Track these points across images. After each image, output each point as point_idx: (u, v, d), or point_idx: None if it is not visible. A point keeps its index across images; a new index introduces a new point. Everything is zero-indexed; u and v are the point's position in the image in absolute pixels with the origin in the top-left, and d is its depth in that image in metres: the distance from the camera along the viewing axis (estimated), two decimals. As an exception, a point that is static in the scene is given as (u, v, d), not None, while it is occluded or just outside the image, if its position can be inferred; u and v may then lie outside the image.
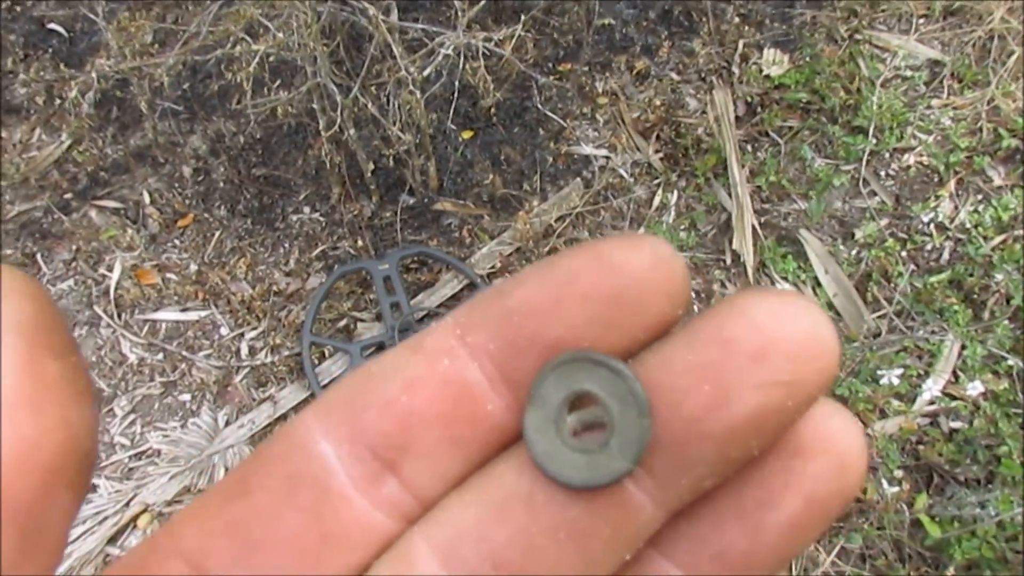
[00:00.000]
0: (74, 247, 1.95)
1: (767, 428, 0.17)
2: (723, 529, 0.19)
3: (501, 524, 0.18)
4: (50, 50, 2.31)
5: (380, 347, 1.66)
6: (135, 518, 1.56)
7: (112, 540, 1.54)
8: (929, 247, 1.73)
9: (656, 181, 1.88)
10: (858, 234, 1.75)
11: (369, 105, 1.46)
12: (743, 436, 0.17)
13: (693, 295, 1.72)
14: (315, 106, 1.60)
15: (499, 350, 0.18)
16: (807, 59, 1.97)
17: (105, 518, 1.55)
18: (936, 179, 1.82)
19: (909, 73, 1.96)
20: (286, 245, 1.88)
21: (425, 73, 1.44)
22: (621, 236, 0.18)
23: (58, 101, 2.21)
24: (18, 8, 2.43)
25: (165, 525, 0.20)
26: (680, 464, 0.18)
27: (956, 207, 1.77)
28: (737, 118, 1.92)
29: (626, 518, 0.18)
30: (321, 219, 1.90)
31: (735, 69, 2.02)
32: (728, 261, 1.75)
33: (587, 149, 1.93)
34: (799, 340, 0.17)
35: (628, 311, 0.18)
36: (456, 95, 1.82)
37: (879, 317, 1.63)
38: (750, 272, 1.71)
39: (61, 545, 0.17)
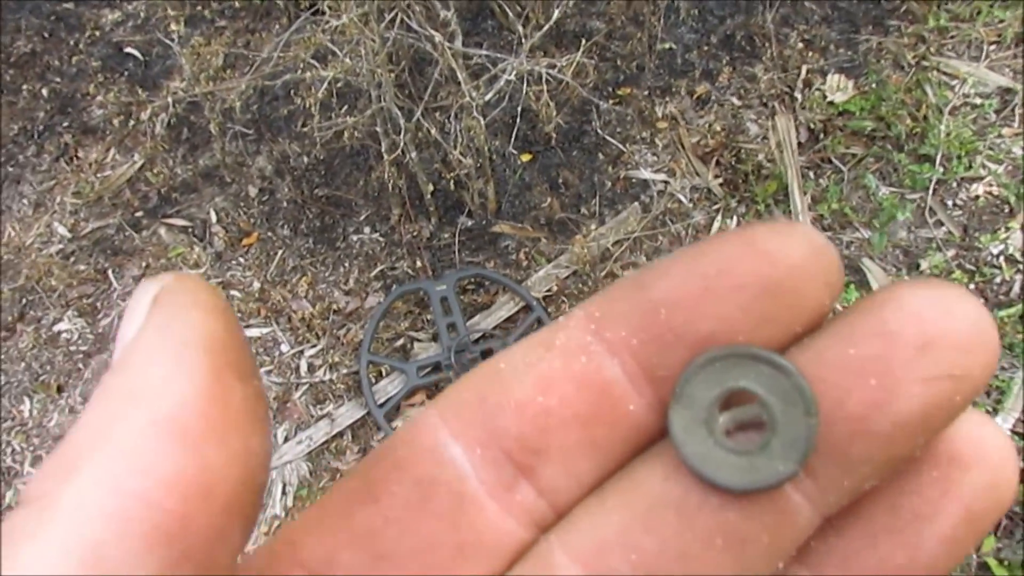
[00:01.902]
0: (144, 264, 2.02)
1: (934, 424, 0.17)
2: (877, 544, 0.18)
3: (650, 532, 0.17)
4: (126, 73, 2.40)
5: (436, 367, 1.67)
6: (195, 529, 1.59)
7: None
8: (998, 280, 1.67)
9: (715, 207, 1.86)
10: (923, 265, 1.70)
11: (431, 129, 1.49)
12: (910, 433, 0.17)
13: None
14: (378, 129, 1.64)
15: (643, 345, 0.17)
16: (872, 86, 1.94)
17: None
18: (1006, 210, 1.77)
19: (979, 101, 1.92)
20: (346, 264, 1.92)
21: (487, 98, 1.46)
22: (771, 223, 0.17)
23: (132, 123, 2.30)
24: (97, 33, 2.54)
25: (282, 532, 0.19)
26: (842, 465, 0.17)
27: (1028, 239, 1.72)
28: (799, 144, 1.90)
29: (784, 523, 0.17)
30: (381, 239, 1.94)
31: (798, 95, 2.00)
32: (788, 290, 1.73)
33: (646, 173, 1.93)
34: (964, 331, 0.16)
35: (784, 303, 0.17)
36: (517, 119, 1.84)
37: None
38: (811, 301, 1.68)
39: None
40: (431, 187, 1.83)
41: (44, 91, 2.44)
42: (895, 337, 0.16)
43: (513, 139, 1.85)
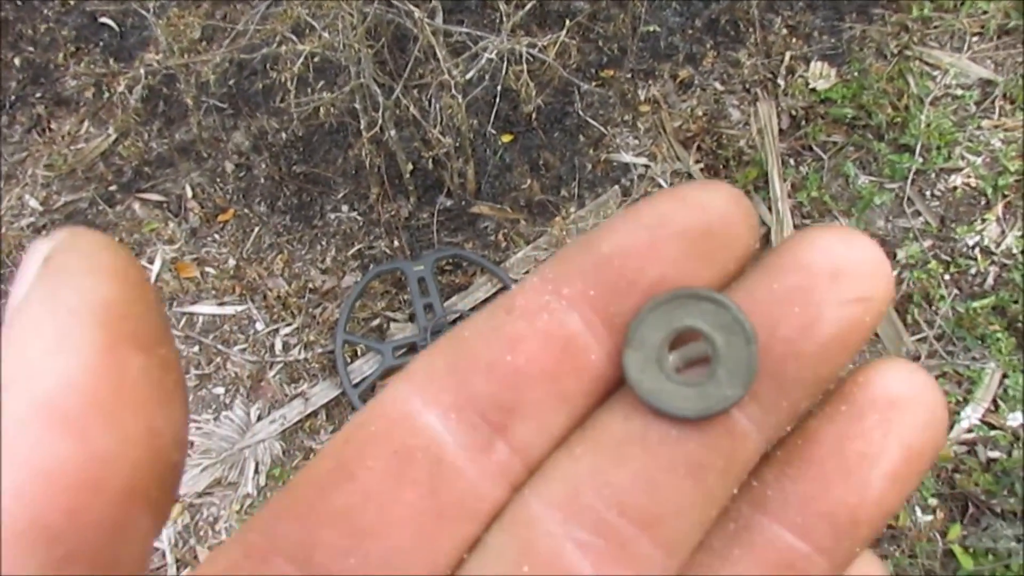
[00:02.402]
0: (117, 238, 1.98)
1: (851, 343, 0.19)
2: (830, 486, 0.19)
3: (619, 467, 0.18)
4: (101, 44, 2.35)
5: (412, 348, 1.66)
6: (165, 507, 1.58)
7: (142, 528, 1.56)
8: (973, 271, 1.69)
9: (695, 192, 1.86)
10: (900, 254, 1.71)
11: (411, 107, 1.47)
12: (834, 352, 0.19)
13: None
14: (357, 106, 1.61)
15: (600, 295, 0.19)
16: (855, 74, 1.94)
17: (136, 506, 1.57)
18: (983, 202, 1.78)
19: (960, 92, 1.92)
20: (323, 243, 1.90)
21: (467, 77, 1.44)
22: (694, 182, 0.19)
23: (107, 95, 2.25)
24: (72, 2, 2.49)
25: (250, 524, 0.18)
26: (779, 386, 0.19)
27: (1003, 231, 1.73)
28: (780, 131, 1.90)
29: (736, 447, 0.19)
30: (359, 218, 1.92)
31: (780, 81, 2.00)
32: (765, 276, 1.73)
33: (627, 157, 1.92)
34: (866, 262, 0.19)
35: (719, 243, 0.19)
36: (497, 99, 1.82)
37: (919, 341, 1.60)
38: (787, 288, 1.68)
39: (138, 570, 0.15)
40: (410, 166, 1.81)
41: (16, 60, 2.39)
42: (810, 269, 0.19)
43: (493, 119, 1.83)
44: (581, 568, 0.18)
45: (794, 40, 2.08)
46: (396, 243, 1.85)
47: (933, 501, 1.35)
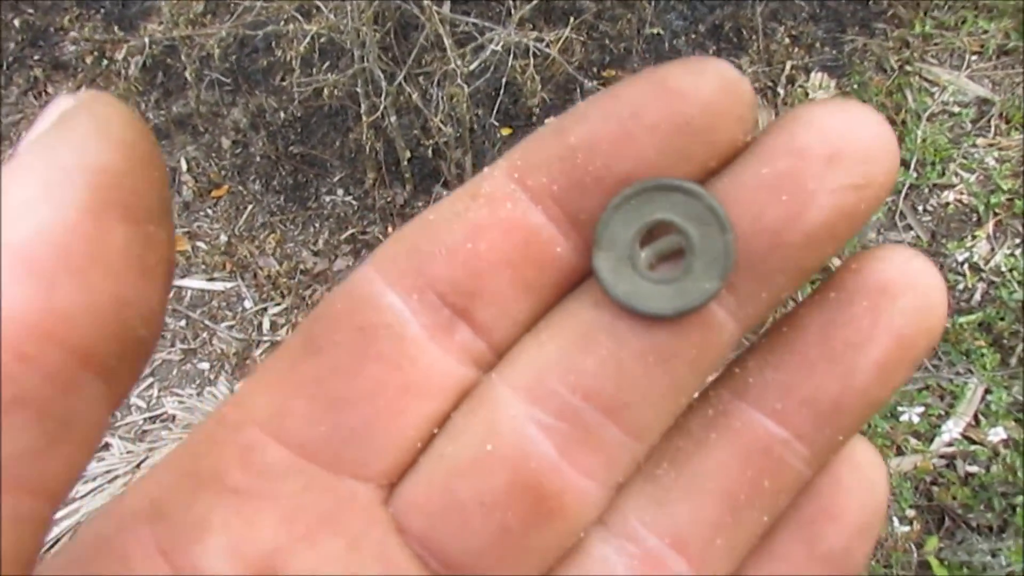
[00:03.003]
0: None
1: (841, 233, 0.18)
2: (813, 374, 0.18)
3: (587, 353, 0.18)
4: (103, 10, 2.33)
5: (401, 335, 1.67)
6: (145, 480, 1.57)
7: (121, 500, 1.56)
8: (961, 287, 1.70)
9: (691, 195, 1.87)
10: (890, 267, 1.73)
11: (413, 94, 1.47)
12: (821, 242, 0.18)
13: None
14: (359, 90, 1.61)
15: (563, 191, 0.18)
16: (854, 86, 1.95)
17: (116, 477, 1.56)
18: (975, 219, 1.80)
19: (957, 109, 1.94)
20: (316, 225, 1.89)
21: (472, 68, 1.44)
22: (685, 60, 0.18)
23: (106, 62, 2.24)
24: (75, -33, 2.46)
25: (229, 399, 0.19)
26: (760, 277, 0.18)
27: (993, 249, 1.75)
28: (778, 139, 1.91)
29: (710, 337, 0.18)
30: (353, 202, 1.91)
31: (780, 90, 2.01)
32: (756, 282, 1.74)
33: (624, 157, 1.93)
34: (868, 143, 0.17)
35: (698, 139, 0.17)
36: (501, 92, 1.82)
37: (904, 353, 1.61)
38: (777, 295, 1.70)
39: (90, 441, 0.15)
40: (408, 154, 1.81)
41: (16, 22, 2.36)
42: (804, 152, 0.17)
43: (495, 111, 1.83)
44: (544, 449, 0.18)
45: (796, 50, 2.09)
46: (390, 229, 1.84)
47: (911, 512, 1.36)
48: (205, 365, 1.73)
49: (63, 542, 1.51)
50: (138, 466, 1.58)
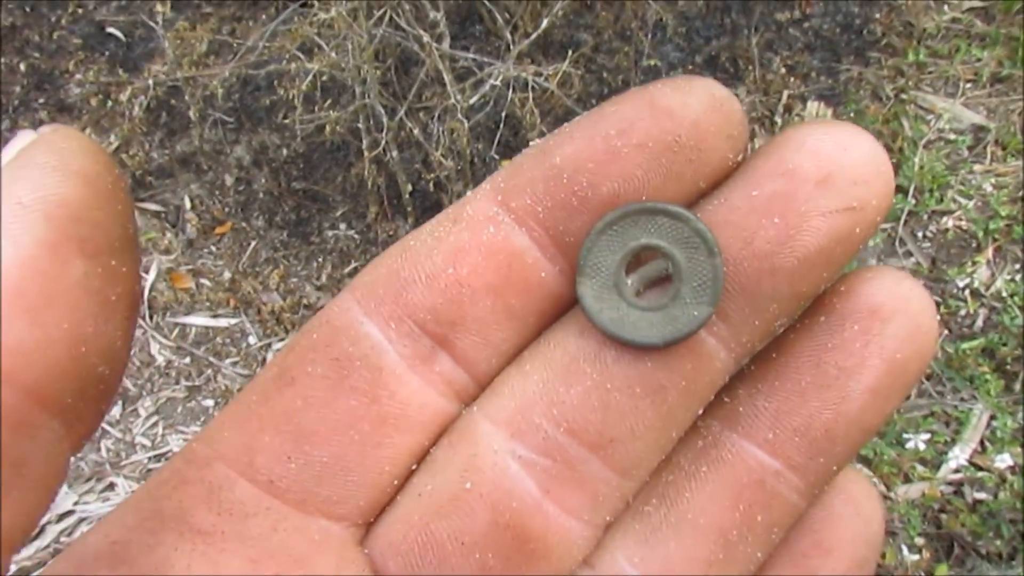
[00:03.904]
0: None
1: (836, 258, 0.17)
2: (805, 401, 0.18)
3: (570, 386, 0.17)
4: (107, 53, 2.37)
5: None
6: (149, 519, 1.56)
7: (125, 539, 1.55)
8: (963, 313, 1.71)
9: (691, 225, 1.88)
10: (892, 293, 1.73)
11: (414, 129, 1.48)
12: (815, 267, 0.17)
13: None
14: (360, 126, 1.63)
15: (548, 213, 0.17)
16: (851, 115, 1.97)
17: (120, 516, 1.56)
18: (974, 245, 1.80)
19: (953, 136, 1.96)
20: (320, 259, 1.90)
21: (472, 102, 1.46)
22: (672, 79, 0.17)
23: (110, 103, 2.27)
24: (80, 11, 2.50)
25: (200, 434, 0.18)
26: (753, 304, 0.17)
27: (993, 275, 1.75)
28: (776, 168, 1.92)
29: (701, 367, 0.18)
30: (356, 236, 1.93)
31: (778, 119, 2.03)
32: (758, 310, 1.74)
33: (624, 188, 1.94)
34: (861, 165, 0.17)
35: (687, 158, 0.17)
36: (501, 126, 1.84)
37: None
38: (780, 323, 1.70)
39: (48, 485, 0.14)
40: (410, 188, 1.83)
41: (22, 66, 2.40)
42: (796, 175, 0.17)
43: (495, 144, 1.85)
44: (527, 487, 0.17)
45: (792, 79, 2.11)
46: (393, 263, 1.85)
47: (919, 540, 1.35)
48: (210, 402, 1.72)
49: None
50: (142, 504, 1.57)
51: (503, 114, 1.75)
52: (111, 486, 1.62)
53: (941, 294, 1.74)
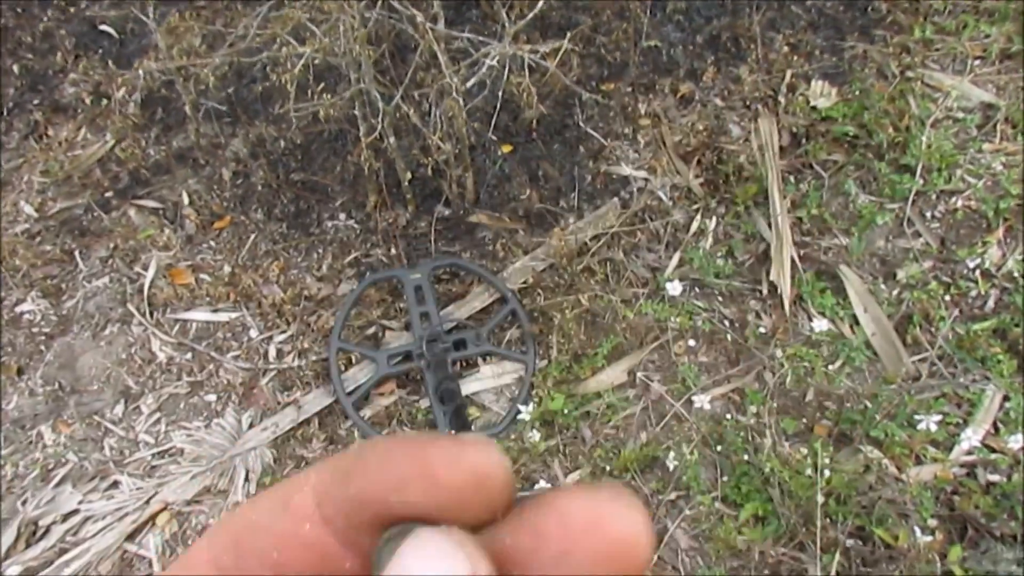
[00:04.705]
0: (112, 245, 1.97)
1: None
2: None
3: None
4: (100, 51, 2.35)
5: (407, 356, 1.64)
6: (154, 516, 1.55)
7: (131, 537, 1.53)
8: (974, 293, 1.67)
9: (695, 206, 1.85)
10: (900, 274, 1.70)
11: (411, 113, 1.46)
12: None
13: (727, 324, 1.69)
14: (357, 112, 1.60)
15: (346, 527, 0.20)
16: (856, 93, 1.93)
17: (125, 515, 1.54)
18: (984, 224, 1.77)
19: (961, 115, 1.92)
20: (320, 250, 1.88)
21: (469, 84, 1.44)
22: (455, 440, 0.19)
23: (104, 101, 2.24)
24: (72, 9, 2.48)
25: None
26: None
27: (1004, 255, 1.72)
28: (781, 148, 1.89)
29: None
30: (356, 226, 1.90)
31: (781, 99, 2.00)
32: (764, 292, 1.72)
33: (626, 170, 1.91)
34: (607, 544, 0.18)
35: (479, 500, 0.19)
36: (498, 108, 1.81)
37: (919, 361, 1.58)
38: (786, 305, 1.67)
39: None
40: (409, 175, 1.80)
41: (15, 67, 2.38)
42: (542, 539, 0.18)
43: (493, 127, 1.83)
44: None
45: (795, 58, 2.08)
46: (393, 251, 1.83)
47: (932, 522, 1.33)
48: (212, 397, 1.71)
49: (70, 581, 1.49)
50: (147, 502, 1.55)
51: (500, 94, 1.72)
52: (115, 484, 1.61)
53: (951, 274, 1.71)
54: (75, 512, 1.58)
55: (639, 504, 0.19)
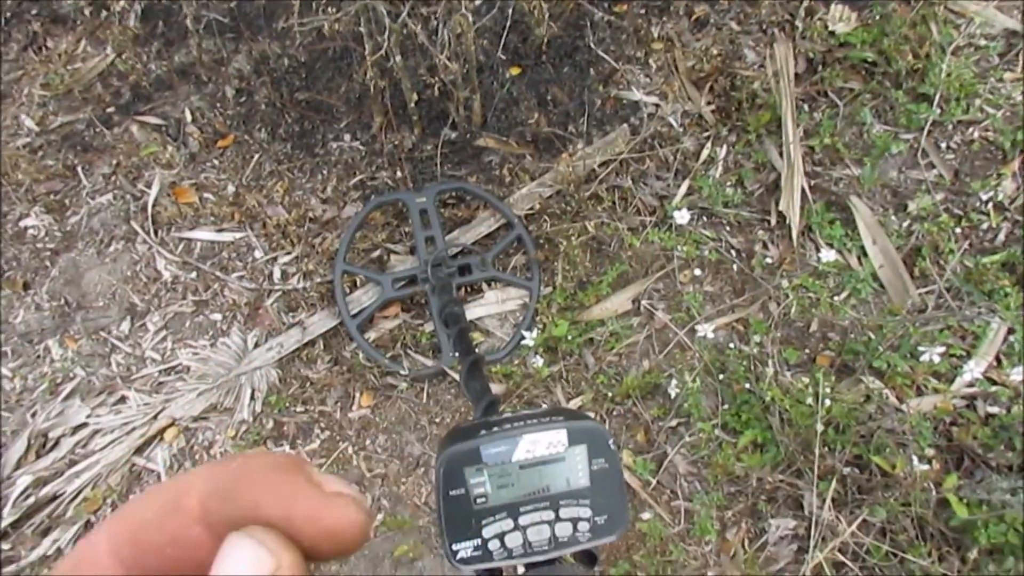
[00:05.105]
0: (114, 161, 1.95)
1: None
2: None
3: None
4: (100, -43, 2.27)
5: (412, 280, 1.64)
6: (162, 431, 1.58)
7: (139, 451, 1.56)
8: (985, 226, 1.66)
9: (706, 134, 1.82)
10: (911, 206, 1.68)
11: (418, 30, 1.42)
12: None
13: (733, 253, 1.68)
14: (362, 29, 1.56)
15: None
16: (876, 18, 1.87)
17: (133, 429, 1.57)
18: (1000, 156, 1.74)
19: (983, 42, 1.86)
20: (324, 172, 1.86)
21: (477, 1, 1.39)
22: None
23: (104, 12, 2.19)
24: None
25: None
26: None
27: (1018, 187, 1.70)
28: (796, 75, 1.84)
29: None
30: (361, 148, 1.88)
31: (799, 23, 1.94)
32: (773, 222, 1.70)
33: (637, 95, 1.87)
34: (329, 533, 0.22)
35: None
36: (507, 28, 1.76)
37: (925, 293, 1.58)
38: (794, 235, 1.66)
39: None
40: (415, 96, 1.76)
41: (13, -26, 2.31)
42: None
43: (502, 47, 1.78)
44: None
45: (815, -19, 2.01)
46: (399, 174, 1.81)
47: (930, 452, 1.34)
48: (217, 316, 1.72)
49: (83, 494, 1.52)
50: (155, 417, 1.58)
51: (510, 12, 1.67)
52: (123, 399, 1.63)
53: (963, 207, 1.68)
54: (84, 425, 1.60)
55: (352, 501, 0.22)
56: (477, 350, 1.53)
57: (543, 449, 0.44)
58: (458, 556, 0.44)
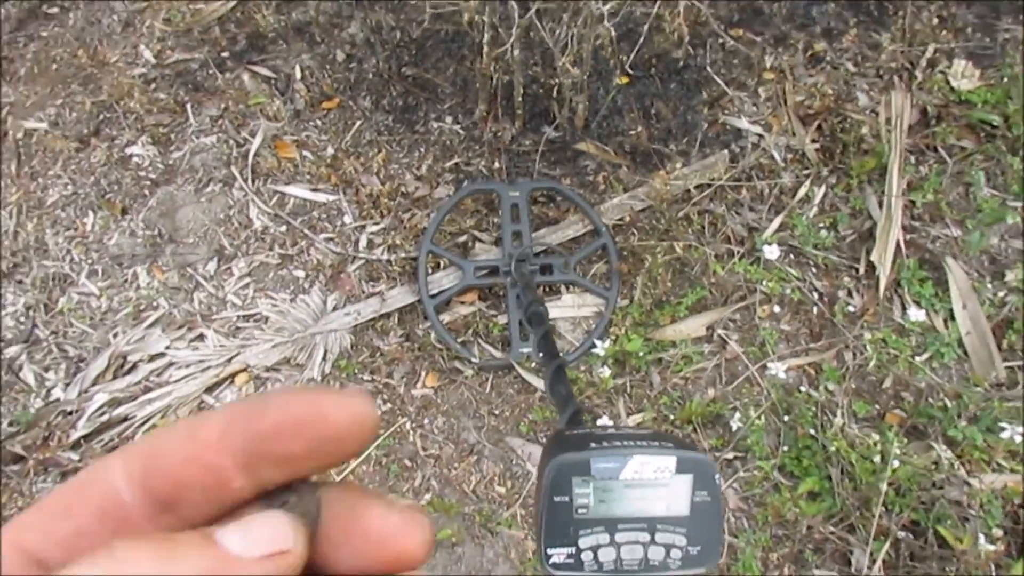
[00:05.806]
0: (223, 105, 2.00)
1: None
2: None
3: None
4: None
5: (494, 271, 1.66)
6: (234, 375, 1.63)
7: (210, 390, 1.61)
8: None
9: (806, 171, 1.80)
10: (1009, 276, 1.64)
11: (543, 29, 1.43)
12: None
13: (816, 296, 1.66)
14: (486, 19, 1.58)
15: (244, 455, 0.22)
16: (1003, 80, 1.83)
17: (208, 368, 1.62)
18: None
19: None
20: (422, 149, 1.89)
21: (608, 6, 1.40)
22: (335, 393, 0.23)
23: (233, -41, 2.24)
24: None
25: (9, 529, 0.22)
26: None
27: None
28: (909, 126, 1.81)
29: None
30: (461, 132, 1.90)
31: (919, 73, 1.90)
32: (861, 271, 1.68)
33: (742, 122, 1.86)
34: (391, 555, 0.23)
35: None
36: (640, 42, 1.76)
37: (1010, 367, 1.54)
38: (882, 288, 1.63)
39: None
40: (522, 90, 1.78)
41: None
42: (348, 535, 0.23)
43: (614, 57, 1.78)
44: None
45: (942, 32, 1.96)
46: (495, 164, 1.83)
47: (998, 532, 1.32)
48: (300, 273, 1.76)
49: (152, 421, 1.58)
50: (230, 360, 1.63)
51: (632, 25, 1.66)
52: (201, 336, 1.69)
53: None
54: (161, 355, 1.66)
55: (424, 520, 0.23)
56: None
57: (650, 472, 0.45)
58: (551, 560, 0.46)
